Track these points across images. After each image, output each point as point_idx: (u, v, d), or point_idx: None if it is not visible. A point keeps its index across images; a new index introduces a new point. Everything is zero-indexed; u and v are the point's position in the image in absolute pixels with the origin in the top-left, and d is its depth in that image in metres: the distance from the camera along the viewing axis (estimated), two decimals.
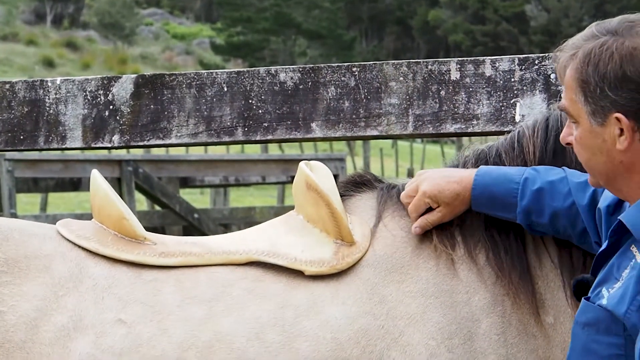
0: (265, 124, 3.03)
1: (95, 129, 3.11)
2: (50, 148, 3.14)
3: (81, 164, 10.60)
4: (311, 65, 3.04)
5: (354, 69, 3.00)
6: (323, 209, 2.50)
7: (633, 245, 2.12)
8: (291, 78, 3.03)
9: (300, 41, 55.02)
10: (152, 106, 3.09)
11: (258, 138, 3.04)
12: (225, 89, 3.06)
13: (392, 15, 63.19)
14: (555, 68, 2.20)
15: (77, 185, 11.24)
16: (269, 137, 3.04)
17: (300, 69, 3.03)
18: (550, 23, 54.37)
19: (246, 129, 3.04)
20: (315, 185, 2.52)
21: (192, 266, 2.47)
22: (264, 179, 12.92)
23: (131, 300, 2.40)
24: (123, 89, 3.11)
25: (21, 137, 3.14)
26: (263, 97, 3.03)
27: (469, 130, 2.93)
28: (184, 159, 11.90)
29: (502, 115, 2.91)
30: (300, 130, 3.01)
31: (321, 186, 2.51)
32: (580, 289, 2.24)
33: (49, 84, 3.14)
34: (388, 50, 60.92)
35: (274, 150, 21.95)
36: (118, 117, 3.10)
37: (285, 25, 54.03)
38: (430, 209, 2.49)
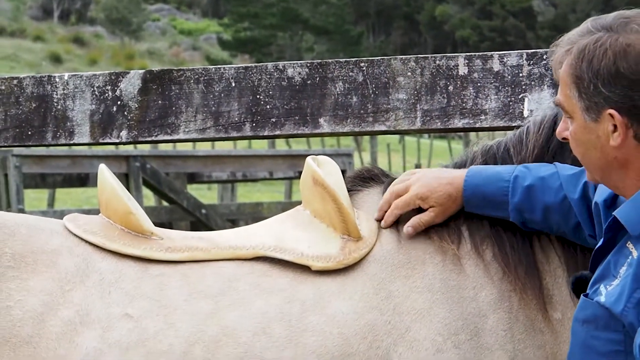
0: (273, 120, 3.03)
1: (103, 125, 3.11)
2: (58, 144, 3.14)
3: (89, 159, 10.62)
4: (319, 61, 3.04)
5: (362, 64, 3.00)
6: (329, 204, 2.50)
7: (629, 242, 2.11)
8: (299, 73, 3.03)
9: (307, 37, 55.00)
10: (160, 102, 3.08)
11: (266, 133, 3.04)
12: (233, 84, 3.05)
13: (399, 11, 63.18)
14: (550, 63, 2.20)
15: (85, 181, 11.23)
16: (277, 133, 3.04)
17: (308, 65, 3.03)
18: (558, 18, 54.29)
19: (254, 125, 3.04)
20: (321, 180, 2.51)
21: (199, 261, 2.46)
22: (272, 175, 12.91)
23: (138, 294, 2.40)
24: (131, 85, 3.11)
25: (29, 133, 3.13)
26: (271, 93, 3.03)
27: (477, 125, 2.93)
28: (191, 154, 11.91)
29: (510, 111, 2.91)
30: (308, 126, 3.01)
31: (327, 181, 2.51)
32: (579, 286, 2.24)
33: (57, 79, 3.13)
34: (395, 45, 60.90)
35: (281, 146, 21.96)
36: (126, 113, 3.10)
37: (292, 21, 54.02)
38: (421, 209, 2.49)
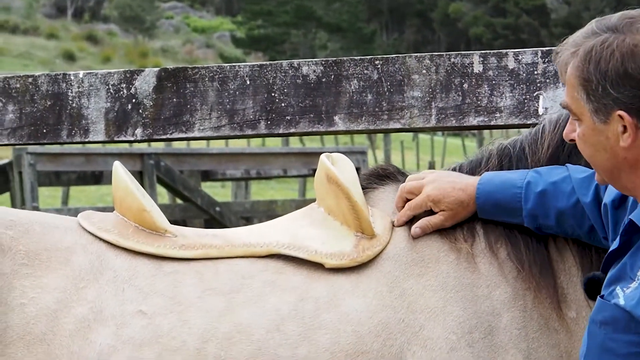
0: (288, 117, 3.03)
1: (118, 123, 3.11)
2: (73, 142, 3.14)
3: (103, 157, 10.64)
4: (334, 59, 3.04)
5: (377, 62, 2.99)
6: (343, 201, 2.50)
7: None
8: (314, 71, 3.02)
9: (320, 34, 55.00)
10: (175, 99, 3.09)
11: (281, 131, 3.04)
12: (248, 82, 3.05)
13: (413, 8, 63.10)
14: (556, 65, 2.19)
15: (99, 178, 11.26)
16: (292, 131, 3.03)
17: (323, 62, 3.03)
18: (571, 15, 54.13)
19: (269, 122, 3.04)
20: (335, 178, 2.51)
21: (213, 258, 2.46)
22: (285, 172, 12.92)
23: (152, 292, 2.40)
24: (146, 83, 3.11)
25: (44, 131, 3.14)
26: (286, 91, 3.03)
27: (492, 123, 2.92)
28: (205, 152, 11.93)
29: (525, 108, 2.90)
30: (323, 124, 3.01)
31: (341, 179, 2.51)
32: (591, 286, 2.24)
33: (72, 77, 3.14)
34: (408, 43, 60.82)
35: (295, 144, 21.96)
36: (141, 111, 3.10)
37: (305, 19, 54.03)
38: (431, 211, 2.49)
